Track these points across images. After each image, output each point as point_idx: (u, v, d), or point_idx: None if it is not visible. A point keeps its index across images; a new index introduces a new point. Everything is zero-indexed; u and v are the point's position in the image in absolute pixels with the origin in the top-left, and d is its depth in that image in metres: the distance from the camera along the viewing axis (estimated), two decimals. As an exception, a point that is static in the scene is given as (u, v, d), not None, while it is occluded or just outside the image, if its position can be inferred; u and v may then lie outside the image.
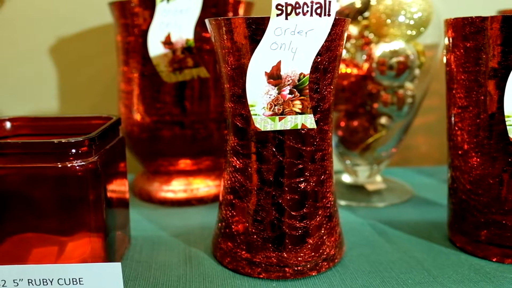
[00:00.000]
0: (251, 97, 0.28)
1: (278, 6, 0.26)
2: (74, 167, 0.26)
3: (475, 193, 0.33)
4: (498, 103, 0.30)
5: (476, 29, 0.31)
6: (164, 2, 0.40)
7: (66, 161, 0.26)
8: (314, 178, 0.31)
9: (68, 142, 0.26)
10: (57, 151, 0.26)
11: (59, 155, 0.26)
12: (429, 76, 0.48)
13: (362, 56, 0.48)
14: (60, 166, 0.26)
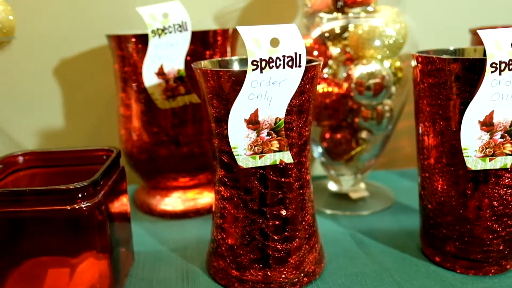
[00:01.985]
0: (233, 140, 0.32)
1: (254, 62, 0.30)
2: (81, 208, 0.30)
3: (440, 212, 0.37)
4: (457, 136, 0.34)
5: (437, 67, 0.34)
6: (156, 37, 0.44)
7: (74, 204, 0.30)
8: (294, 205, 0.35)
9: (75, 188, 0.30)
10: (66, 196, 0.30)
11: (67, 199, 0.30)
12: (407, 88, 0.51)
13: (345, 70, 0.51)
14: (69, 208, 0.30)
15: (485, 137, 0.32)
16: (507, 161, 0.33)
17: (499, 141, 0.32)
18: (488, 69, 0.31)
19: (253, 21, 0.60)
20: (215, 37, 0.47)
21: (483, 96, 0.31)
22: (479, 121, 0.32)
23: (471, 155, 0.33)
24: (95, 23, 0.59)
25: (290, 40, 0.30)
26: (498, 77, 0.31)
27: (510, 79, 0.31)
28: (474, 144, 0.33)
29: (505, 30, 0.30)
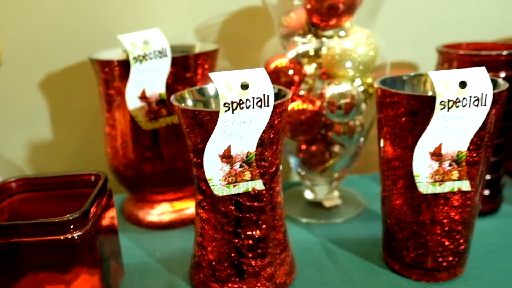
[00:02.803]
0: (208, 173, 0.35)
1: (225, 104, 0.33)
2: (73, 237, 0.34)
3: (398, 227, 0.41)
4: (411, 163, 0.37)
5: (395, 100, 0.37)
6: (138, 63, 0.46)
7: (67, 234, 0.34)
8: (266, 226, 0.39)
9: (67, 220, 0.33)
10: (59, 228, 0.33)
11: (60, 230, 0.33)
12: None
13: (321, 84, 0.54)
14: (62, 238, 0.34)
15: (435, 165, 0.36)
16: (454, 186, 0.37)
17: (447, 169, 0.36)
18: (438, 106, 0.34)
19: (233, 35, 0.63)
20: (195, 61, 0.49)
21: (433, 130, 0.35)
22: (430, 152, 0.36)
23: (422, 181, 0.37)
24: (82, 39, 0.61)
25: (259, 83, 0.33)
26: (446, 114, 0.34)
27: (457, 115, 0.34)
28: (425, 172, 0.36)
29: (452, 71, 0.34)
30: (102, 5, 0.60)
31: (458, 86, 0.34)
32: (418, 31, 0.65)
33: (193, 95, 0.41)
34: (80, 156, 0.65)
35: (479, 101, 0.34)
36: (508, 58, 0.47)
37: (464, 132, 0.35)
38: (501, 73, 0.47)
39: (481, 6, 0.65)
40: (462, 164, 0.36)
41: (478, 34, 0.66)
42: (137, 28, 0.61)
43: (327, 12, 0.47)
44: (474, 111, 0.34)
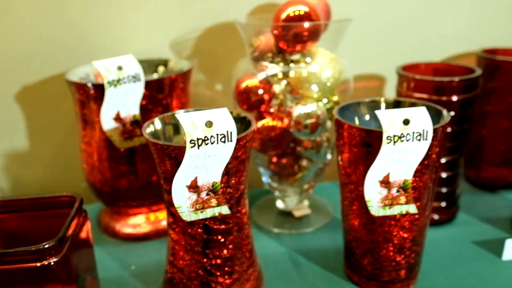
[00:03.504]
0: (177, 202, 0.38)
1: (191, 141, 0.36)
2: (49, 264, 0.36)
3: (356, 243, 0.45)
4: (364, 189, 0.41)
5: (349, 132, 0.41)
6: (112, 87, 0.48)
7: (44, 261, 0.36)
8: (233, 246, 0.42)
9: (43, 248, 0.36)
10: (35, 256, 0.36)
11: (37, 258, 0.36)
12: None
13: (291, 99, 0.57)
14: (39, 265, 0.36)
15: (384, 192, 0.39)
16: (403, 209, 0.40)
17: (395, 194, 0.40)
18: (385, 141, 0.37)
19: (208, 49, 0.65)
20: (167, 83, 0.52)
21: (382, 161, 0.38)
22: (379, 180, 0.39)
23: (374, 205, 0.40)
24: (59, 51, 0.62)
25: (222, 121, 0.36)
26: (392, 147, 0.38)
27: (402, 148, 0.38)
28: (376, 197, 0.40)
29: (397, 110, 0.37)
30: (79, 18, 0.61)
31: (402, 123, 0.37)
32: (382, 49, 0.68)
33: (164, 121, 0.44)
34: (56, 166, 0.67)
35: (421, 136, 0.37)
36: (460, 84, 0.51)
37: (408, 162, 0.38)
38: (453, 97, 0.51)
39: (442, 24, 0.68)
40: (408, 191, 0.40)
41: (441, 49, 0.69)
42: (114, 41, 0.63)
43: (293, 39, 0.49)
44: (417, 145, 0.38)
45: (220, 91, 0.68)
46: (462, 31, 0.69)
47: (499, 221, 0.58)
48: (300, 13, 0.49)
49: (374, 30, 0.67)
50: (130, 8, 0.62)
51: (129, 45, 0.63)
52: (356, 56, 0.68)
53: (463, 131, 0.54)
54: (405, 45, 0.68)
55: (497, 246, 0.52)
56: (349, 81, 0.56)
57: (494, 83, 0.62)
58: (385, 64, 0.68)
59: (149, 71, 0.61)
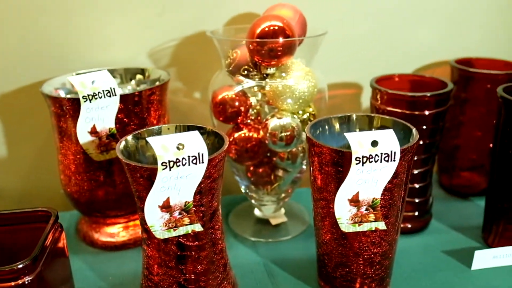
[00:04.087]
0: (150, 221, 0.38)
1: (163, 163, 0.36)
2: (24, 283, 0.37)
3: (328, 256, 0.46)
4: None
5: (319, 151, 0.41)
6: (87, 102, 0.48)
7: (18, 280, 0.37)
8: (206, 261, 0.43)
9: (17, 269, 0.36)
10: (10, 275, 0.36)
11: (11, 277, 0.36)
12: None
13: (268, 110, 0.57)
14: (13, 284, 0.36)
15: (354, 210, 0.41)
16: (372, 226, 0.42)
17: (364, 212, 0.41)
18: (354, 161, 0.38)
19: (185, 58, 0.65)
20: (143, 96, 0.52)
21: (351, 181, 0.39)
22: (348, 199, 0.40)
23: (344, 222, 0.41)
24: (35, 61, 0.62)
25: (194, 144, 0.36)
26: (361, 168, 0.39)
27: (370, 169, 0.39)
28: (346, 215, 0.41)
29: (365, 133, 0.38)
30: (57, 27, 0.61)
31: (370, 145, 0.38)
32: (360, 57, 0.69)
33: (137, 136, 0.44)
34: (35, 174, 0.67)
35: (389, 157, 0.38)
36: (432, 99, 0.52)
37: (377, 182, 0.39)
38: (425, 111, 0.52)
39: (418, 33, 0.69)
40: (377, 209, 0.41)
41: (417, 59, 0.70)
42: (92, 50, 0.63)
43: (267, 54, 0.50)
44: (385, 166, 0.39)
45: (199, 99, 0.68)
46: (438, 40, 0.70)
47: (470, 229, 0.60)
48: (275, 29, 0.49)
49: (352, 38, 0.68)
50: (108, 17, 0.62)
51: (107, 54, 0.63)
52: (335, 64, 0.69)
53: (435, 143, 0.55)
54: (381, 54, 0.69)
55: (466, 256, 0.54)
56: (324, 91, 0.57)
57: (467, 94, 0.63)
58: (362, 73, 0.69)
59: (126, 80, 0.61)
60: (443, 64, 0.70)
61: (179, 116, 0.68)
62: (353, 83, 0.70)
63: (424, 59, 0.70)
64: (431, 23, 0.69)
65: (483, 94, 0.62)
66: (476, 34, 0.71)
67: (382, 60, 0.69)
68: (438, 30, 0.70)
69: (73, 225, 0.63)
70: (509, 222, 0.54)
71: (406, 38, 0.69)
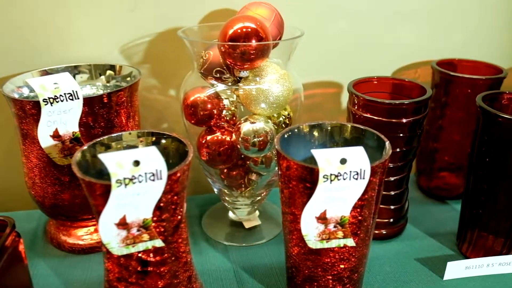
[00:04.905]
0: (105, 238, 0.37)
1: (117, 181, 0.34)
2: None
3: (296, 269, 0.45)
4: (302, 220, 0.40)
5: (287, 165, 0.40)
6: (48, 105, 0.46)
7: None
8: (169, 275, 0.41)
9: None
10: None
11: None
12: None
13: (244, 109, 0.55)
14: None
15: (321, 227, 0.39)
16: (340, 243, 0.40)
17: (333, 229, 0.39)
18: (321, 179, 0.37)
19: (159, 54, 0.63)
20: (112, 99, 0.49)
21: (318, 199, 0.38)
22: (316, 216, 0.39)
23: (311, 239, 0.40)
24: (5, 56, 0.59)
25: (151, 160, 0.35)
26: (329, 185, 0.37)
27: (339, 187, 0.37)
28: (313, 232, 0.39)
29: (334, 150, 0.36)
30: (26, 22, 0.58)
31: (339, 162, 0.36)
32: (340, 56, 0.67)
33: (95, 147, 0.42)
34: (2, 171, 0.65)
35: (359, 175, 0.37)
36: (409, 106, 0.50)
37: (346, 200, 0.38)
38: (403, 119, 0.50)
39: (400, 32, 0.67)
40: (345, 226, 0.39)
41: (398, 59, 0.68)
42: (62, 46, 0.60)
43: (239, 57, 0.47)
44: (354, 184, 0.37)
45: (174, 96, 0.65)
46: (421, 40, 0.68)
47: (446, 234, 0.59)
48: (248, 31, 0.47)
49: (333, 37, 0.66)
50: (80, 12, 0.59)
51: (79, 50, 0.60)
52: (315, 63, 0.66)
53: (412, 150, 0.54)
54: (363, 53, 0.67)
55: (440, 265, 0.53)
56: (300, 91, 0.55)
57: (447, 97, 0.62)
58: (344, 72, 0.67)
59: (96, 76, 0.59)
60: (426, 64, 0.68)
61: (154, 114, 0.66)
62: (333, 82, 0.68)
63: (407, 59, 0.68)
64: (414, 23, 0.67)
65: (463, 99, 0.60)
66: (459, 35, 0.69)
67: (364, 59, 0.67)
68: (421, 31, 0.68)
69: (42, 225, 0.61)
70: (483, 230, 0.53)
71: (388, 38, 0.67)
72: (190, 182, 0.72)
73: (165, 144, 0.43)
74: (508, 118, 0.46)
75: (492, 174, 0.49)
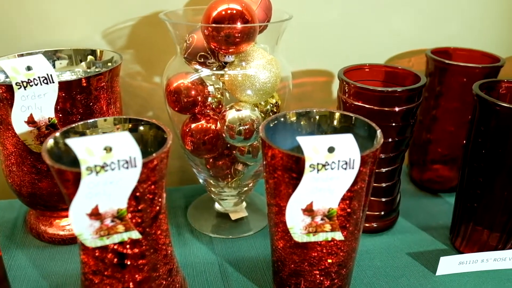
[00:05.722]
0: (77, 229, 0.34)
1: (88, 168, 0.32)
2: None
3: (282, 263, 0.43)
4: (287, 212, 0.38)
5: (272, 154, 0.38)
6: (22, 89, 0.43)
7: None
8: (147, 268, 0.39)
9: None
10: None
11: None
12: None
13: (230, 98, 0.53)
14: None
15: (308, 219, 0.37)
16: (328, 236, 0.38)
17: (320, 222, 0.37)
18: (307, 169, 0.35)
19: (143, 40, 0.60)
20: (91, 83, 0.47)
21: (304, 189, 0.36)
22: (302, 208, 0.37)
23: (296, 232, 0.38)
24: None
25: (123, 146, 0.32)
26: (316, 175, 0.35)
27: (326, 177, 0.35)
28: (299, 225, 0.37)
29: (321, 137, 0.34)
30: (5, 6, 0.55)
31: (326, 151, 0.34)
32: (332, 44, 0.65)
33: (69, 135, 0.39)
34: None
35: (347, 165, 0.35)
36: (402, 94, 0.48)
37: (334, 191, 0.36)
38: (395, 108, 0.48)
39: (393, 20, 0.65)
40: (333, 219, 0.37)
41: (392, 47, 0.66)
42: (43, 30, 0.57)
43: (224, 40, 0.45)
44: (342, 174, 0.35)
45: (159, 83, 0.63)
46: (415, 29, 0.66)
47: (438, 228, 0.58)
48: (232, 13, 0.44)
49: (324, 24, 0.63)
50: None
51: (60, 34, 0.58)
52: (306, 51, 0.64)
53: (405, 140, 0.52)
54: (355, 40, 0.65)
55: (432, 259, 0.52)
56: (288, 79, 0.53)
57: (442, 87, 0.60)
58: (335, 60, 0.65)
59: (76, 61, 0.56)
60: (420, 53, 0.66)
61: (139, 101, 0.63)
62: (324, 71, 0.66)
63: (400, 48, 0.66)
64: (407, 11, 0.65)
65: (458, 88, 0.58)
66: (454, 24, 0.67)
67: (356, 48, 0.65)
68: (415, 20, 0.65)
69: (23, 215, 0.59)
70: (477, 224, 0.51)
71: (381, 26, 0.65)
72: (175, 172, 0.71)
73: (143, 131, 0.40)
74: (506, 107, 0.44)
75: (488, 166, 0.47)
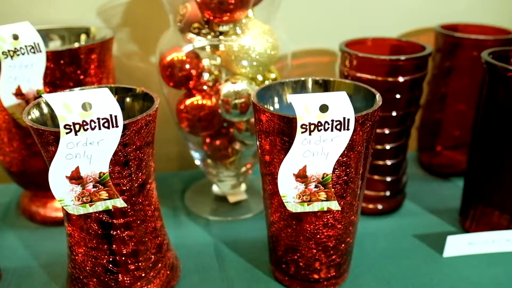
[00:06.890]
0: (58, 195, 0.33)
1: (66, 126, 0.30)
2: None
3: (276, 239, 0.41)
4: (280, 180, 0.36)
5: (264, 116, 0.35)
6: (8, 59, 0.42)
7: None
8: (135, 240, 0.37)
9: None
10: None
11: None
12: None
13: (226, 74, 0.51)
14: None
15: (301, 187, 0.35)
16: (323, 206, 0.36)
17: (314, 190, 0.35)
18: (299, 129, 0.32)
19: (139, 18, 0.59)
20: (81, 55, 0.46)
21: (296, 153, 0.33)
22: (294, 173, 0.34)
23: (290, 201, 0.36)
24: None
25: (103, 103, 0.31)
26: (308, 137, 0.33)
27: (319, 138, 0.33)
28: (291, 193, 0.35)
29: (313, 95, 0.32)
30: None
31: (318, 110, 0.32)
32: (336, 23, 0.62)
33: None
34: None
35: (341, 125, 0.32)
36: (407, 63, 0.45)
37: (327, 155, 0.33)
38: (399, 78, 0.46)
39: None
40: (328, 186, 0.35)
41: (398, 24, 0.64)
42: (34, 7, 0.56)
43: (217, 7, 0.43)
44: (336, 135, 0.33)
45: (156, 63, 0.61)
46: (422, 4, 0.63)
47: (447, 211, 0.54)
48: (225, -23, 0.42)
49: (326, 2, 0.61)
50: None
51: (51, 12, 0.56)
52: (306, 29, 0.62)
53: (410, 114, 0.49)
54: (359, 18, 0.62)
55: (440, 241, 0.48)
56: (287, 57, 0.51)
57: (452, 62, 0.57)
58: (337, 39, 0.62)
59: (70, 41, 0.55)
60: (428, 31, 0.63)
61: (135, 82, 0.62)
62: (326, 50, 0.64)
63: (407, 24, 0.64)
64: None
65: (469, 63, 0.55)
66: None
67: (360, 25, 0.62)
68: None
69: (17, 199, 0.58)
70: (488, 205, 0.48)
71: (387, 2, 0.62)
72: (174, 158, 0.69)
73: (130, 102, 0.39)
74: (517, 73, 0.41)
75: (499, 144, 0.44)
